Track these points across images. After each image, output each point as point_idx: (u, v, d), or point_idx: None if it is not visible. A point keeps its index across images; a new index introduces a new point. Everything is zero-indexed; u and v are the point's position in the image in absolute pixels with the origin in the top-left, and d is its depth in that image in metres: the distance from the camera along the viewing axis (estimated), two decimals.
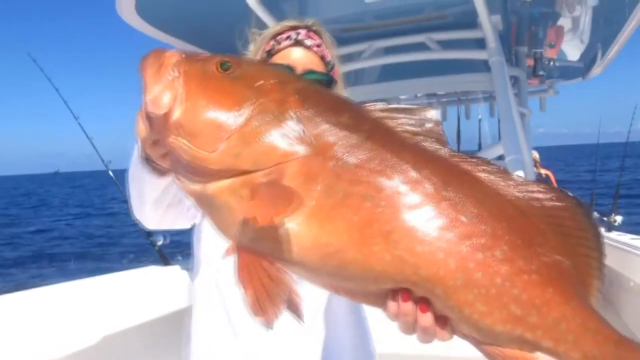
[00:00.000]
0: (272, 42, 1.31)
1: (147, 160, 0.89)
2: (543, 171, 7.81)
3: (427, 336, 0.75)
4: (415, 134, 0.74)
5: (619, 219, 6.59)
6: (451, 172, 0.73)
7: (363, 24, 3.21)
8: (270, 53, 1.30)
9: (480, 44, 3.08)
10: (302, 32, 1.31)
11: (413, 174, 0.71)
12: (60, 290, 2.69)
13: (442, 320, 0.74)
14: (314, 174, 0.70)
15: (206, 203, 0.73)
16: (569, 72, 5.10)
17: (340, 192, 0.70)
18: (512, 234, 0.72)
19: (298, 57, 1.29)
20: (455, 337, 0.78)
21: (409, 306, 0.73)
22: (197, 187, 0.72)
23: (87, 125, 4.22)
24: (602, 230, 6.85)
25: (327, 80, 1.31)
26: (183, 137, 0.70)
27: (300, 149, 0.70)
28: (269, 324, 0.71)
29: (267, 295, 0.70)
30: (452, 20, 3.14)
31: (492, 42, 2.94)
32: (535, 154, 7.85)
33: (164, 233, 3.50)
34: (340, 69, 1.39)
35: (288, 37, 1.30)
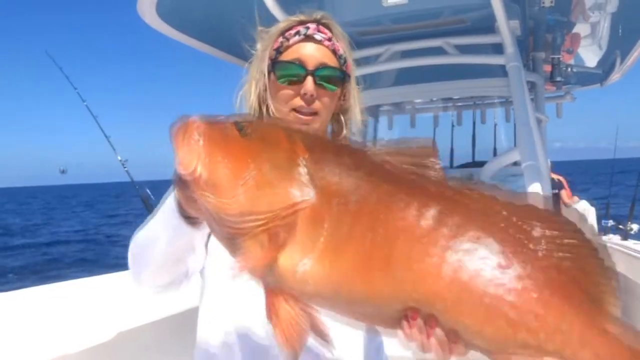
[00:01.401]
0: (280, 39, 1.28)
1: (182, 215, 1.03)
2: (555, 176, 7.77)
3: (442, 352, 0.80)
4: (411, 170, 0.82)
5: (635, 227, 6.53)
6: (442, 200, 0.79)
7: (381, 27, 3.21)
8: (279, 50, 1.28)
9: (498, 49, 3.07)
10: (312, 26, 1.27)
11: (406, 205, 0.79)
12: (75, 286, 2.72)
13: (453, 335, 0.79)
14: (322, 213, 0.79)
15: (235, 250, 0.82)
16: (587, 78, 5.06)
17: (345, 227, 0.78)
18: (503, 244, 0.77)
19: (308, 52, 1.25)
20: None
21: (419, 324, 0.79)
22: (226, 235, 0.82)
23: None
24: (619, 238, 6.78)
25: (341, 75, 1.29)
26: (207, 190, 0.80)
27: (309, 191, 0.79)
28: (295, 356, 0.80)
29: (292, 330, 0.80)
30: (470, 25, 3.13)
31: (509, 47, 2.93)
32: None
33: None
34: (352, 63, 1.35)
35: (297, 33, 1.26)
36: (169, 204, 1.09)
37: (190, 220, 1.04)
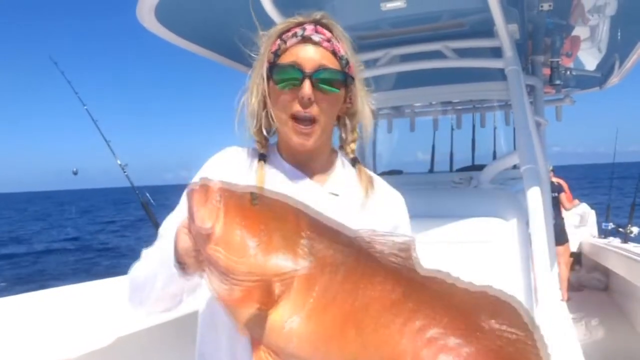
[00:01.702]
0: (278, 42, 1.25)
1: (180, 264, 1.07)
2: (555, 180, 7.78)
3: None
4: (391, 256, 0.94)
5: (635, 230, 6.55)
6: (411, 282, 0.92)
7: (380, 31, 3.22)
8: (277, 54, 1.24)
9: (497, 52, 3.08)
10: (309, 27, 1.23)
11: (383, 280, 0.92)
12: (74, 290, 2.72)
13: None
14: (316, 279, 0.91)
15: (232, 305, 0.93)
16: (586, 81, 5.07)
17: (331, 292, 0.90)
18: (453, 323, 0.90)
19: (306, 54, 1.22)
20: None
21: None
22: (226, 291, 0.92)
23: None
24: (619, 240, 6.75)
25: (342, 77, 1.25)
26: (220, 246, 0.90)
27: (308, 260, 0.91)
28: None
29: None
30: (469, 29, 3.14)
31: (508, 50, 2.93)
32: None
33: None
34: (356, 64, 1.31)
35: (294, 35, 1.23)
36: (166, 252, 1.10)
37: (183, 266, 1.07)
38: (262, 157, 1.33)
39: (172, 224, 1.29)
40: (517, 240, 2.59)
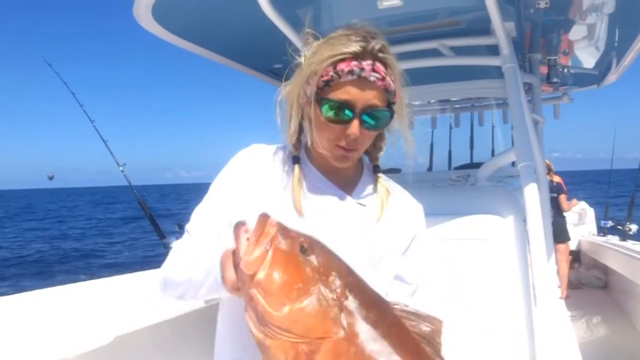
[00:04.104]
0: (331, 72, 1.22)
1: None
2: (556, 178, 7.78)
3: None
4: (420, 336, 0.99)
5: (634, 227, 6.56)
6: None
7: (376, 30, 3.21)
8: (328, 84, 1.22)
9: (494, 50, 3.08)
10: (367, 66, 1.22)
11: None
12: (73, 290, 2.72)
13: None
14: (340, 354, 0.92)
15: (263, 347, 0.95)
16: (584, 79, 5.07)
17: None
18: None
19: (358, 94, 1.21)
20: None
21: None
22: (261, 334, 0.94)
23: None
24: (617, 238, 6.76)
25: (387, 116, 1.28)
26: (260, 292, 0.93)
27: (337, 332, 0.93)
28: None
29: None
30: (466, 27, 3.14)
31: (505, 48, 2.93)
32: (548, 162, 7.81)
33: (177, 235, 3.54)
34: (401, 88, 1.34)
35: (350, 72, 1.21)
36: (212, 269, 1.12)
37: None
38: (297, 160, 1.34)
39: (203, 220, 1.32)
40: (515, 237, 2.59)
